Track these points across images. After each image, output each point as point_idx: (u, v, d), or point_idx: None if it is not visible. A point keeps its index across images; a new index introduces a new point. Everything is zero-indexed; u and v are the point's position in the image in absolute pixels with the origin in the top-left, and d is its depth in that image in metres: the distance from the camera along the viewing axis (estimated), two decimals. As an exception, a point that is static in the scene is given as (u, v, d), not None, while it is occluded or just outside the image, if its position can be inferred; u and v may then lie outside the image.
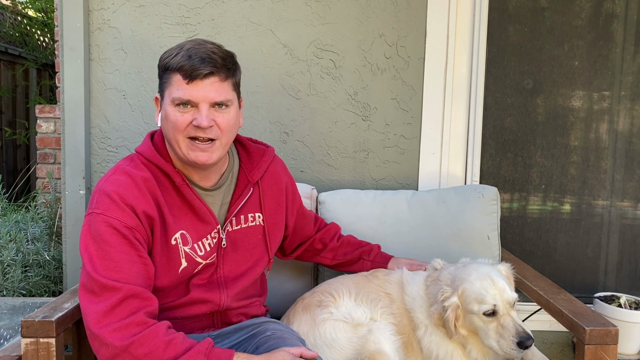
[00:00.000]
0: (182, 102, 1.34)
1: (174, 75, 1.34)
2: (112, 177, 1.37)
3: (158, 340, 1.21)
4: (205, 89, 1.34)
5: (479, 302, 1.55)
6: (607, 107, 2.60)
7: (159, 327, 1.24)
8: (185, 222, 1.43)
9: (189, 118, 1.35)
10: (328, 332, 1.62)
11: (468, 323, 1.60)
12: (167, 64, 1.36)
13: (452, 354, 1.64)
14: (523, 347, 1.52)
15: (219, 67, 1.35)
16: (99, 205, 1.32)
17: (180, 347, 1.23)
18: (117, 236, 1.29)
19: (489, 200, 2.09)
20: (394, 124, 2.33)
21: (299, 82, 2.28)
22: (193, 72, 1.32)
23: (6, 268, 2.43)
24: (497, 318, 1.55)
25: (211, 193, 1.50)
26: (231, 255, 1.53)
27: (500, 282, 1.58)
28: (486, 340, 1.57)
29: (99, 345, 1.22)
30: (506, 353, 1.54)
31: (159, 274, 1.40)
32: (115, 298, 1.22)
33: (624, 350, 2.28)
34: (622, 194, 2.63)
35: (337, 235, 1.92)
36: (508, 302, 1.56)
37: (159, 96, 1.43)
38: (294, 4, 2.25)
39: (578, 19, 2.55)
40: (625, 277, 2.66)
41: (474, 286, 1.57)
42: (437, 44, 2.30)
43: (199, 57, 1.33)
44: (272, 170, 1.63)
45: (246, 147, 1.62)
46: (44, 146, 3.94)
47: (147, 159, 1.43)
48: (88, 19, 2.20)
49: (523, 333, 1.52)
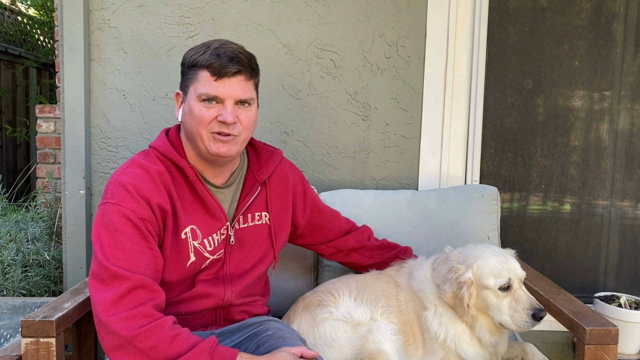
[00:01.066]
0: (209, 97, 1.38)
1: (202, 72, 1.39)
2: (127, 170, 1.40)
3: (164, 334, 1.22)
4: (232, 86, 1.39)
5: (495, 276, 1.58)
6: (607, 107, 2.60)
7: (165, 321, 1.25)
8: (196, 217, 1.46)
9: (214, 113, 1.39)
10: (328, 332, 1.62)
11: (480, 300, 1.60)
12: (195, 60, 1.40)
13: (460, 336, 1.64)
14: (537, 319, 1.54)
15: (245, 67, 1.41)
16: (114, 196, 1.34)
17: (185, 344, 1.23)
18: (130, 226, 1.31)
19: (489, 200, 2.09)
20: (394, 124, 2.33)
21: (299, 82, 2.28)
22: (222, 70, 1.37)
23: (6, 268, 2.43)
24: (511, 292, 1.58)
25: (222, 190, 1.53)
26: (238, 252, 1.55)
27: (512, 259, 1.64)
28: (498, 316, 1.59)
29: (105, 333, 1.23)
30: (519, 327, 1.56)
31: (167, 268, 1.41)
32: (124, 287, 1.24)
33: (624, 350, 2.28)
34: (622, 194, 2.63)
35: (371, 236, 1.94)
36: (519, 278, 1.61)
37: (181, 92, 1.47)
38: (294, 4, 2.25)
39: (578, 19, 2.55)
40: (625, 277, 2.66)
41: (489, 262, 1.60)
42: (437, 44, 2.30)
43: (227, 56, 1.38)
44: (280, 171, 1.66)
45: (256, 147, 1.66)
46: (44, 146, 3.93)
47: (162, 154, 1.46)
48: (88, 19, 2.20)
49: (537, 305, 1.56)
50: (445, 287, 1.63)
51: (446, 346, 1.63)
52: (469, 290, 1.60)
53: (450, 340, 1.63)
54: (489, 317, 1.62)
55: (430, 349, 1.66)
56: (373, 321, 1.66)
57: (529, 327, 1.56)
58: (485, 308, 1.61)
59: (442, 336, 1.63)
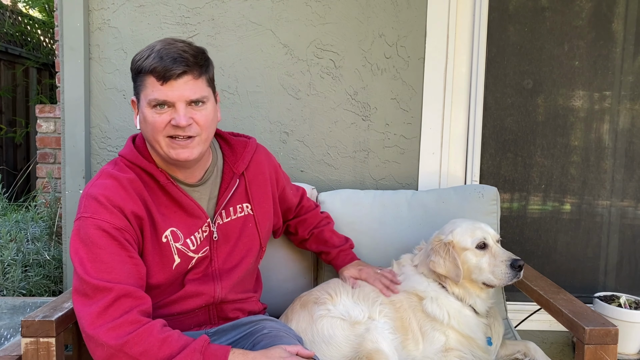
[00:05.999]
0: (158, 103, 1.35)
1: (148, 78, 1.35)
2: (98, 182, 1.39)
3: (152, 338, 1.22)
4: (180, 88, 1.35)
5: (471, 236, 1.71)
6: (607, 107, 2.59)
7: (153, 325, 1.24)
8: (175, 219, 1.45)
9: (167, 118, 1.36)
10: (325, 329, 1.63)
11: (462, 264, 1.71)
12: (140, 66, 1.36)
13: (460, 310, 1.71)
14: (516, 268, 1.65)
15: (191, 66, 1.36)
16: (87, 209, 1.33)
17: (175, 345, 1.23)
18: (106, 238, 1.30)
19: (489, 200, 2.09)
20: (394, 124, 2.33)
21: (299, 82, 2.28)
22: (166, 73, 1.33)
23: (6, 268, 2.44)
24: (489, 250, 1.70)
25: (197, 188, 1.52)
26: (224, 247, 1.55)
27: (483, 223, 1.78)
28: (481, 276, 1.69)
29: (95, 347, 1.22)
30: (501, 280, 1.66)
31: (153, 272, 1.41)
32: (107, 298, 1.23)
33: (624, 350, 2.28)
34: (622, 194, 2.63)
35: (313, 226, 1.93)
36: (494, 237, 1.74)
37: (135, 99, 1.44)
38: (294, 4, 2.25)
39: (578, 19, 2.55)
40: (625, 277, 2.66)
41: (463, 226, 1.75)
42: (437, 44, 2.30)
43: (170, 58, 1.33)
44: (256, 159, 1.65)
45: (228, 140, 1.64)
46: (44, 146, 3.94)
47: (130, 162, 1.44)
48: (88, 19, 2.20)
49: (513, 256, 1.67)
50: (433, 258, 1.74)
51: (450, 327, 1.68)
52: (454, 251, 1.71)
53: (453, 319, 1.69)
54: (475, 284, 1.72)
55: (430, 340, 1.68)
56: (371, 320, 1.66)
57: (510, 279, 1.66)
58: (469, 272, 1.71)
59: (446, 318, 1.69)
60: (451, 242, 1.73)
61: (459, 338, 1.68)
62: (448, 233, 1.76)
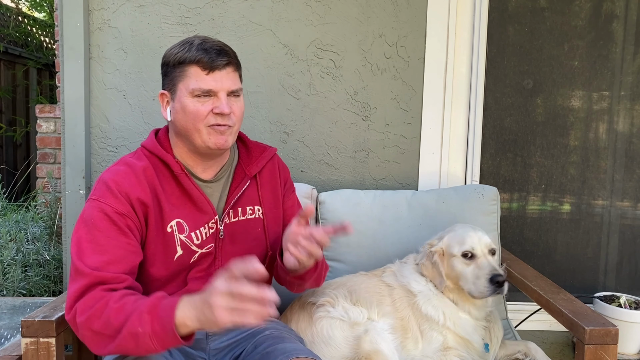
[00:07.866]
0: (202, 92, 1.40)
1: (191, 68, 1.40)
2: (113, 167, 1.44)
3: (109, 309, 1.21)
4: (223, 78, 1.41)
5: (460, 244, 1.70)
6: (607, 107, 2.60)
7: (111, 295, 1.24)
8: (183, 210, 1.46)
9: (210, 107, 1.41)
10: (325, 330, 1.63)
11: (450, 269, 1.71)
12: (182, 57, 1.41)
13: (456, 312, 1.71)
14: (495, 283, 1.59)
15: (232, 58, 1.44)
16: (96, 192, 1.38)
17: (128, 310, 1.21)
18: (107, 221, 1.33)
19: (489, 200, 2.09)
20: (394, 124, 2.33)
21: (299, 82, 2.28)
22: (212, 63, 1.39)
23: (6, 268, 2.44)
24: (475, 260, 1.67)
25: (210, 185, 1.53)
26: (230, 247, 1.54)
27: (479, 231, 1.74)
28: (466, 285, 1.67)
29: (75, 330, 1.26)
30: (481, 293, 1.63)
31: (155, 262, 1.42)
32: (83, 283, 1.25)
33: (624, 350, 2.28)
34: (622, 194, 2.63)
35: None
36: (486, 247, 1.69)
37: (166, 92, 1.47)
38: (294, 4, 2.25)
39: (578, 19, 2.55)
40: (625, 277, 2.66)
41: (456, 233, 1.74)
42: (437, 44, 2.30)
43: (215, 50, 1.40)
44: (271, 167, 1.66)
45: (246, 143, 1.66)
46: (44, 146, 3.94)
47: (149, 151, 1.49)
48: (88, 19, 2.20)
49: (496, 270, 1.62)
50: (423, 260, 1.77)
51: (446, 328, 1.67)
52: (440, 258, 1.72)
53: (449, 321, 1.68)
54: (463, 291, 1.70)
55: (429, 339, 1.68)
56: (370, 321, 1.66)
57: (489, 293, 1.61)
58: (456, 278, 1.70)
59: (441, 319, 1.68)
60: (439, 249, 1.74)
61: (456, 339, 1.68)
62: (441, 238, 1.78)
